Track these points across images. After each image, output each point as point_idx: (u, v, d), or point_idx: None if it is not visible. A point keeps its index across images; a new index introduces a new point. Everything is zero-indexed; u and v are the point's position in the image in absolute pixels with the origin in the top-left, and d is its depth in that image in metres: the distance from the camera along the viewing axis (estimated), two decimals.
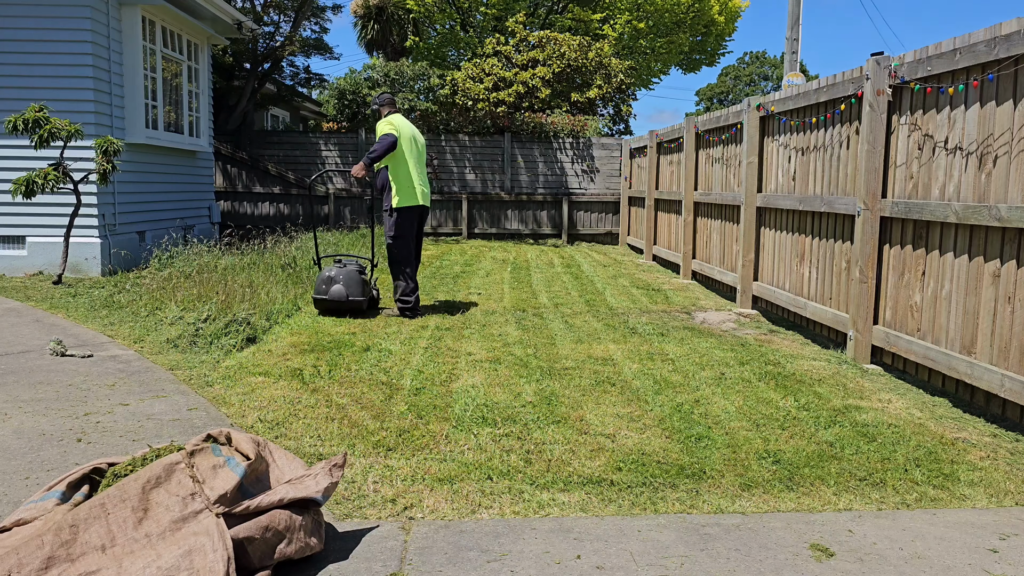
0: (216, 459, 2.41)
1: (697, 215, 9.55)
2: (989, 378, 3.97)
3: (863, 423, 3.89)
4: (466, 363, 5.00)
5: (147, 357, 5.02)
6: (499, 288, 8.53)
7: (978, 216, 4.08)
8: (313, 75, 20.92)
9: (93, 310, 6.55)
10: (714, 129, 8.81)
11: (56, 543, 2.08)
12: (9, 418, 3.76)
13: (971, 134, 4.24)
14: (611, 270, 10.58)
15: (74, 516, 2.15)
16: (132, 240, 9.34)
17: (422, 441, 3.52)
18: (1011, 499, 3.04)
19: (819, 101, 5.95)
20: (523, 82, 15.41)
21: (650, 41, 21.17)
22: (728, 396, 4.34)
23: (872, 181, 5.10)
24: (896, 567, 2.47)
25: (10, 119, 7.39)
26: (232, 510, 2.28)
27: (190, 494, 2.27)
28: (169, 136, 10.06)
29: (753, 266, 7.39)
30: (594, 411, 4.02)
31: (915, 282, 4.76)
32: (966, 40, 4.26)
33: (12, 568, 2.00)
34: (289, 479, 2.50)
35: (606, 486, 3.06)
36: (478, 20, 20.66)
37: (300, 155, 15.36)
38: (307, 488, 2.44)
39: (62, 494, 2.38)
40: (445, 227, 15.33)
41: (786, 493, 3.04)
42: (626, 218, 14.68)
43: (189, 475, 2.31)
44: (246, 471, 2.40)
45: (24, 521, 2.29)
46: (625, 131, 17.02)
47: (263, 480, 2.49)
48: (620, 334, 6.04)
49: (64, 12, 8.37)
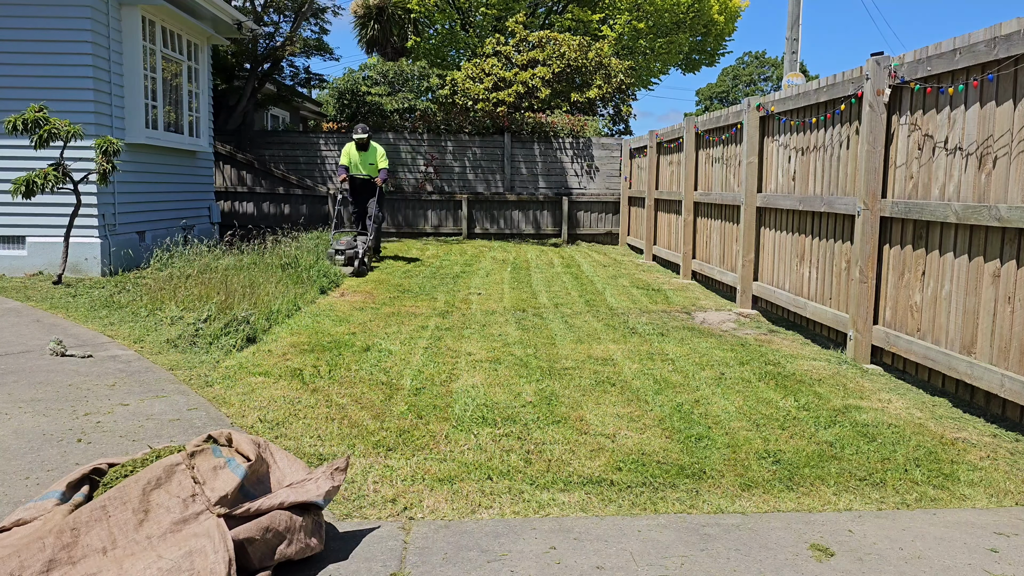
0: (217, 460, 2.41)
1: (697, 215, 9.55)
2: (989, 378, 3.97)
3: (863, 423, 3.89)
4: (466, 363, 5.01)
5: (147, 357, 5.02)
6: (499, 288, 8.53)
7: (978, 216, 4.08)
8: (313, 75, 20.92)
9: (93, 310, 6.55)
10: (714, 129, 8.81)
11: (57, 546, 2.08)
12: (9, 418, 3.77)
13: (971, 134, 4.25)
14: (611, 270, 10.59)
15: (75, 519, 2.15)
16: (132, 240, 9.34)
17: (422, 441, 3.52)
18: (1011, 499, 3.04)
19: (819, 101, 5.95)
20: (523, 82, 15.41)
21: (650, 41, 21.16)
22: (728, 396, 4.34)
23: (872, 181, 5.10)
24: (896, 567, 2.47)
25: (10, 119, 7.38)
26: (233, 511, 2.28)
27: (191, 495, 2.27)
28: (169, 136, 10.06)
29: (753, 266, 7.39)
30: (594, 411, 4.02)
31: (915, 282, 4.76)
32: (966, 40, 4.26)
33: (14, 570, 2.00)
34: (290, 483, 2.50)
35: (606, 486, 3.06)
36: (478, 20, 20.66)
37: (300, 155, 15.36)
38: (308, 492, 2.44)
39: (61, 494, 2.38)
40: (445, 227, 15.33)
41: (786, 493, 3.04)
42: (626, 218, 14.68)
43: (190, 476, 2.31)
44: (247, 472, 2.40)
45: (24, 521, 2.29)
46: (625, 131, 17.02)
47: (264, 481, 2.49)
48: (620, 334, 6.04)
49: (64, 12, 8.36)
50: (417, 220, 15.33)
